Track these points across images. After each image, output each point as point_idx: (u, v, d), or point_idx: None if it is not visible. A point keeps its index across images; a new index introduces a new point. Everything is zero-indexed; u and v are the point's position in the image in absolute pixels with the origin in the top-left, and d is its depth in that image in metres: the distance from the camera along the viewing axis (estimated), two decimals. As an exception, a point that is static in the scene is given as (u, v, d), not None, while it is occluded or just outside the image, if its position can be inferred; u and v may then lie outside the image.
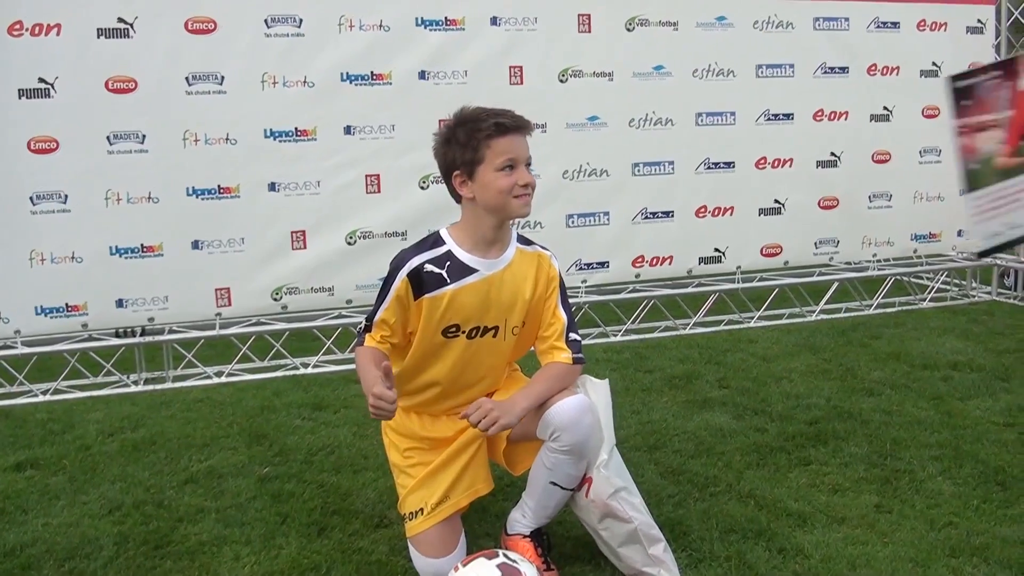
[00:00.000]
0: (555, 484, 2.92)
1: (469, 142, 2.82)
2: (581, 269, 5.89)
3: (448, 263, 2.90)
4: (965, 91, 2.15)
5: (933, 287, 7.01)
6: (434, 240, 2.95)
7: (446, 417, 3.08)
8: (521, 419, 2.83)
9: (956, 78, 2.18)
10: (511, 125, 2.82)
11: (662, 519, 3.12)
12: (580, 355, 3.02)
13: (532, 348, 3.14)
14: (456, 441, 3.01)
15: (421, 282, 2.88)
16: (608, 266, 5.96)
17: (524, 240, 3.05)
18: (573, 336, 3.04)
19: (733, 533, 3.20)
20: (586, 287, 5.96)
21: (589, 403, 2.91)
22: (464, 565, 2.53)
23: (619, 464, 2.96)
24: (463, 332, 2.94)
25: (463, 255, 2.91)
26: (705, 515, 3.34)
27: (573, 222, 5.80)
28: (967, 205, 2.10)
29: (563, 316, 3.04)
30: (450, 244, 2.92)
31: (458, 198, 2.93)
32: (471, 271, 2.91)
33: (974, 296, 7.10)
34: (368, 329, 2.94)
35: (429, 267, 2.89)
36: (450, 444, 3.02)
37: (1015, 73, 2.12)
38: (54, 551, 3.21)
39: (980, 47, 6.61)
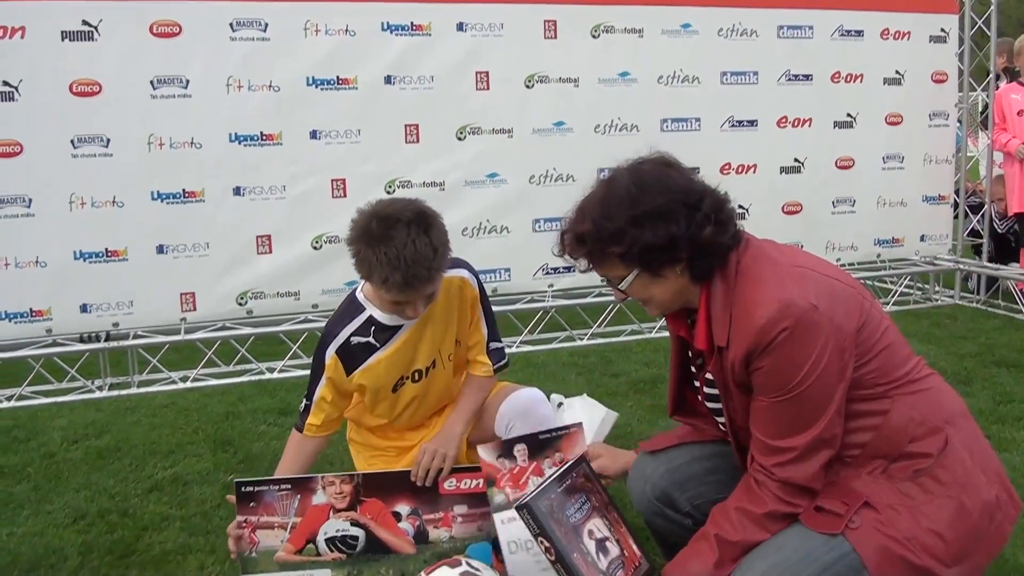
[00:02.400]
0: None
1: (363, 266, 2.67)
2: (548, 273, 5.92)
3: (372, 328, 2.90)
4: (250, 495, 2.59)
5: (896, 291, 7.09)
6: (354, 308, 2.94)
7: (408, 429, 3.11)
8: (463, 438, 2.94)
9: (242, 484, 2.59)
10: (402, 284, 2.64)
11: (626, 526, 3.15)
12: (500, 363, 3.12)
13: None
14: (417, 447, 3.04)
15: (352, 356, 2.90)
16: (574, 270, 5.96)
17: None
18: (494, 346, 3.12)
19: (696, 539, 3.23)
20: (552, 291, 5.99)
21: (541, 395, 3.03)
22: (427, 573, 2.54)
23: None
24: (408, 379, 2.98)
25: (384, 317, 2.90)
26: (668, 521, 3.37)
27: (540, 226, 5.82)
28: None
29: (484, 330, 3.11)
30: (369, 309, 2.91)
31: None
32: (396, 328, 2.92)
33: (937, 300, 7.20)
34: (308, 410, 2.96)
35: (356, 339, 2.90)
36: (412, 450, 3.05)
37: (310, 490, 2.71)
38: (19, 562, 3.20)
39: (943, 56, 6.71)
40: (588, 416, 3.13)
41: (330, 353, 2.90)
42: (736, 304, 2.14)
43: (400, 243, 2.58)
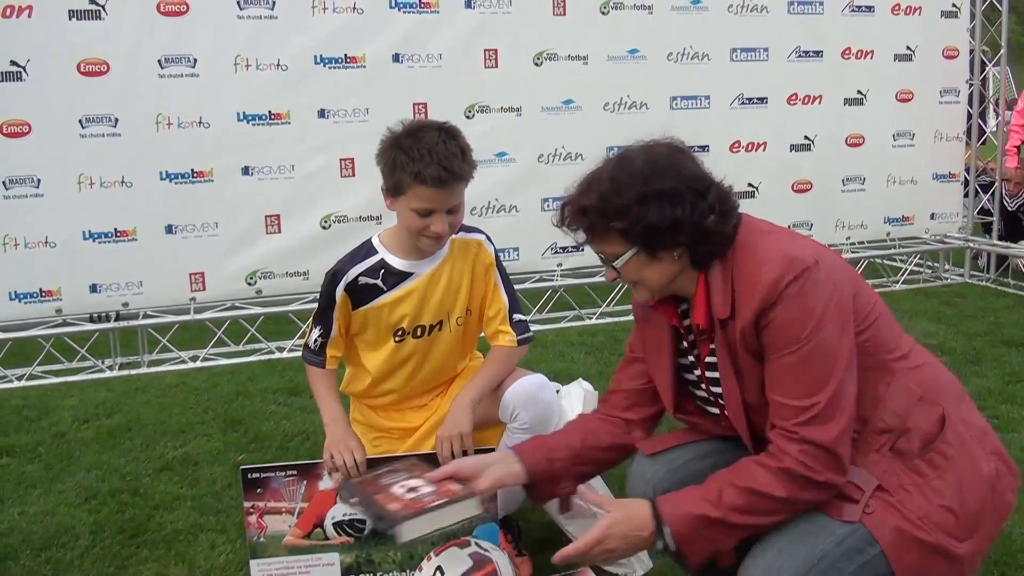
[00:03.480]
0: None
1: (395, 171, 2.74)
2: (556, 253, 5.91)
3: (382, 271, 2.91)
4: (256, 482, 2.65)
5: (906, 269, 7.08)
6: (367, 250, 2.95)
7: (410, 409, 3.11)
8: (474, 410, 2.89)
9: (247, 471, 2.64)
10: (436, 179, 2.70)
11: (635, 505, 3.15)
12: (525, 335, 3.06)
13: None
14: (422, 428, 3.04)
15: (358, 295, 2.91)
16: (583, 249, 5.93)
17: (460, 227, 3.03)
18: (517, 317, 3.07)
19: (705, 519, 3.23)
20: (561, 270, 5.98)
21: (545, 381, 2.99)
22: (436, 554, 2.55)
23: None
24: (409, 334, 2.96)
25: (396, 261, 2.91)
26: (677, 501, 3.36)
27: (548, 206, 5.78)
28: (253, 568, 2.75)
29: (504, 298, 3.06)
30: (382, 252, 2.92)
31: None
32: (406, 275, 2.92)
33: (947, 278, 7.17)
34: (323, 349, 2.97)
35: (364, 279, 2.90)
36: (417, 431, 3.05)
37: (317, 476, 2.80)
38: (31, 540, 3.22)
39: (954, 31, 6.66)
40: (573, 403, 3.12)
41: (340, 291, 2.90)
42: (737, 273, 2.14)
43: (431, 141, 2.73)
